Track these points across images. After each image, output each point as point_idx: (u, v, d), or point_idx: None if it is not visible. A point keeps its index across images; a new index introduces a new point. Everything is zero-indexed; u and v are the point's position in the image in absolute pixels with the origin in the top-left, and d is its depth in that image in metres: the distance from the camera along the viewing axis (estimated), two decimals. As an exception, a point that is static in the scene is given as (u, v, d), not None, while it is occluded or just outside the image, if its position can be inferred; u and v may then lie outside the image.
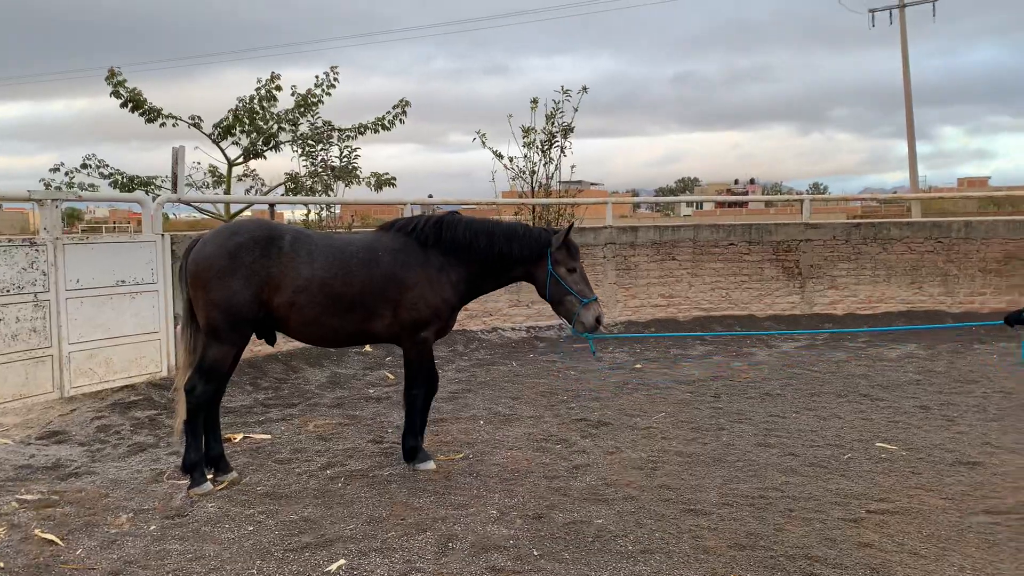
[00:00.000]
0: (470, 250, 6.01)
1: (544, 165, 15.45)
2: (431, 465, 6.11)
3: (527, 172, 15.45)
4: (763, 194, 72.95)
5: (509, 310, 12.65)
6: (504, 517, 5.15)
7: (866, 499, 5.44)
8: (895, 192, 46.04)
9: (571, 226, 6.27)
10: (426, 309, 5.92)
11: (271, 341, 6.16)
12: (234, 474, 6.02)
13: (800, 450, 6.58)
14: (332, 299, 5.75)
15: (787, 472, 6.03)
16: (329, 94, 14.09)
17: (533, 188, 15.53)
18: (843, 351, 11.22)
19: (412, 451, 6.15)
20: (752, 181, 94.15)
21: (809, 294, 13.55)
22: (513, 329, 12.55)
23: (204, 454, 5.86)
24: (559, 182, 15.81)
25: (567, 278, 6.02)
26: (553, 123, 15.20)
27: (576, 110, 15.16)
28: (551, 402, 8.42)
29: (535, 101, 15.24)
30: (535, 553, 4.59)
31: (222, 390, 6.13)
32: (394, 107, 14.38)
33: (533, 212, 15.47)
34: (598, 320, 6.01)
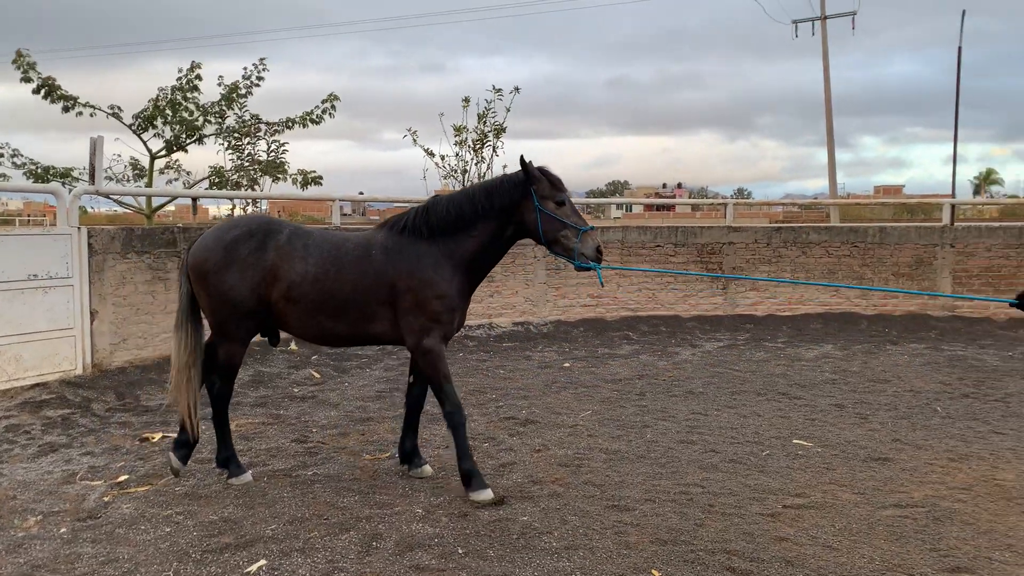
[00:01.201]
0: (458, 225, 5.61)
1: (476, 164, 15.49)
2: (487, 495, 5.43)
3: (459, 171, 15.47)
4: (689, 198, 74.44)
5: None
6: (430, 516, 5.14)
7: (783, 494, 5.60)
8: (816, 198, 47.54)
9: (530, 164, 5.73)
10: (423, 313, 5.50)
11: (274, 341, 6.03)
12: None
13: (721, 447, 6.75)
14: (325, 296, 5.55)
15: (708, 468, 6.17)
16: (258, 85, 13.83)
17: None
18: (763, 351, 11.54)
19: (467, 475, 5.53)
20: (679, 185, 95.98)
21: (732, 295, 13.89)
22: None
23: (190, 443, 5.87)
24: (491, 181, 15.83)
25: (558, 211, 5.57)
26: (485, 122, 15.25)
27: (508, 110, 15.24)
28: (479, 400, 8.42)
29: (467, 100, 15.26)
30: (460, 551, 4.59)
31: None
32: (323, 101, 14.20)
33: (464, 211, 15.48)
34: (598, 250, 5.58)
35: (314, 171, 14.33)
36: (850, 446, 6.80)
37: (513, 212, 5.66)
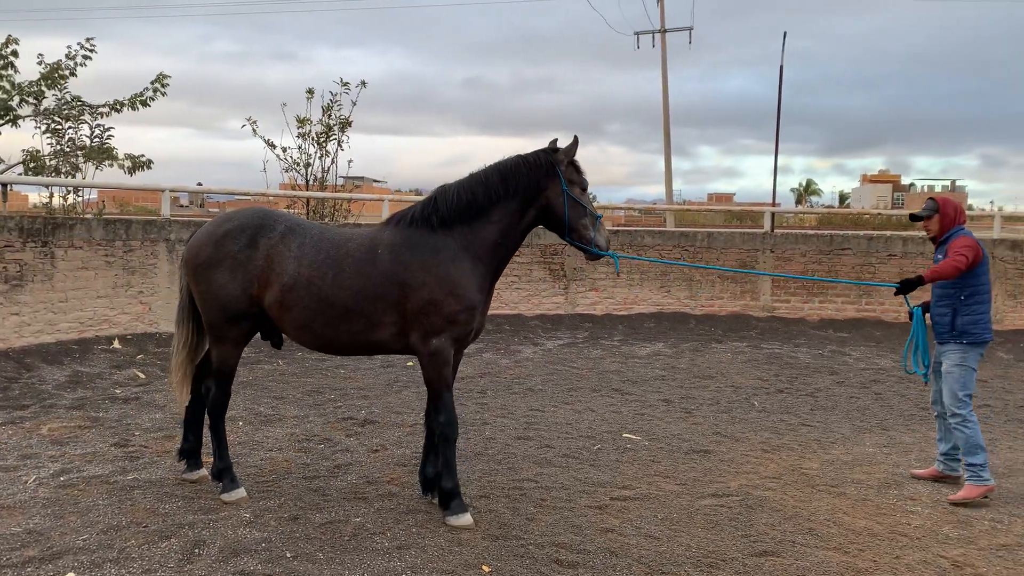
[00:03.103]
0: (473, 211, 5.10)
1: (320, 158, 15.14)
2: (466, 520, 5.00)
3: (302, 164, 15.06)
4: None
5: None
6: (258, 520, 4.98)
7: (611, 487, 5.83)
8: (654, 203, 49.73)
9: (576, 139, 5.32)
10: (437, 315, 4.97)
11: (276, 343, 5.57)
12: (203, 471, 5.69)
13: (556, 442, 6.93)
14: (321, 303, 5.04)
15: (542, 463, 6.33)
16: (84, 66, 12.88)
17: (308, 181, 15.15)
18: (600, 349, 11.96)
19: (447, 496, 5.08)
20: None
21: (572, 295, 14.30)
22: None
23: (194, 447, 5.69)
24: (338, 177, 15.55)
25: (581, 198, 5.19)
26: (330, 115, 14.93)
27: (355, 104, 14.99)
28: (317, 401, 8.24)
29: (311, 91, 14.89)
30: (288, 555, 4.47)
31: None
32: (152, 82, 13.42)
33: (307, 205, 15.09)
34: (608, 241, 5.33)
35: (142, 155, 13.48)
36: (675, 439, 7.17)
37: (537, 195, 5.17)
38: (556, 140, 5.31)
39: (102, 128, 13.16)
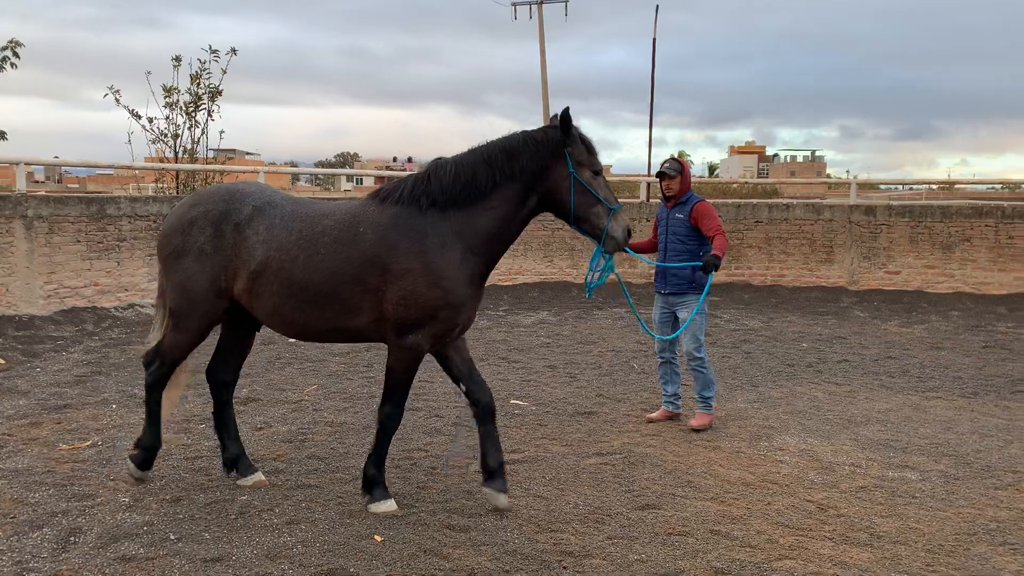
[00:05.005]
0: (471, 193, 4.62)
1: (189, 129, 14.51)
2: (389, 506, 4.77)
3: (169, 135, 14.39)
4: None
5: (149, 285, 11.69)
6: (138, 504, 4.80)
7: (500, 452, 5.93)
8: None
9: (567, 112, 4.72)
10: (416, 308, 4.54)
11: (255, 326, 5.25)
12: (259, 475, 5.21)
13: (445, 411, 6.98)
14: (291, 287, 4.64)
15: (432, 433, 6.37)
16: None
17: (177, 153, 14.49)
18: (486, 319, 12.06)
19: (369, 482, 4.83)
20: (409, 159, 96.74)
21: (457, 267, 14.32)
22: (153, 306, 11.60)
23: (224, 455, 5.29)
24: (208, 148, 14.95)
25: (592, 183, 4.69)
26: (199, 84, 14.31)
27: (225, 72, 14.43)
28: (195, 381, 7.91)
29: (178, 59, 14.25)
30: (172, 537, 4.34)
31: (229, 380, 5.38)
32: (2, 49, 12.47)
33: (177, 178, 14.46)
34: (628, 232, 4.81)
35: (-7, 126, 12.55)
36: (560, 403, 7.36)
37: (540, 178, 4.68)
38: (558, 115, 4.73)
39: (-58, 96, 12.14)
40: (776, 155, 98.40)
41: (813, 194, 40.39)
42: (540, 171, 4.66)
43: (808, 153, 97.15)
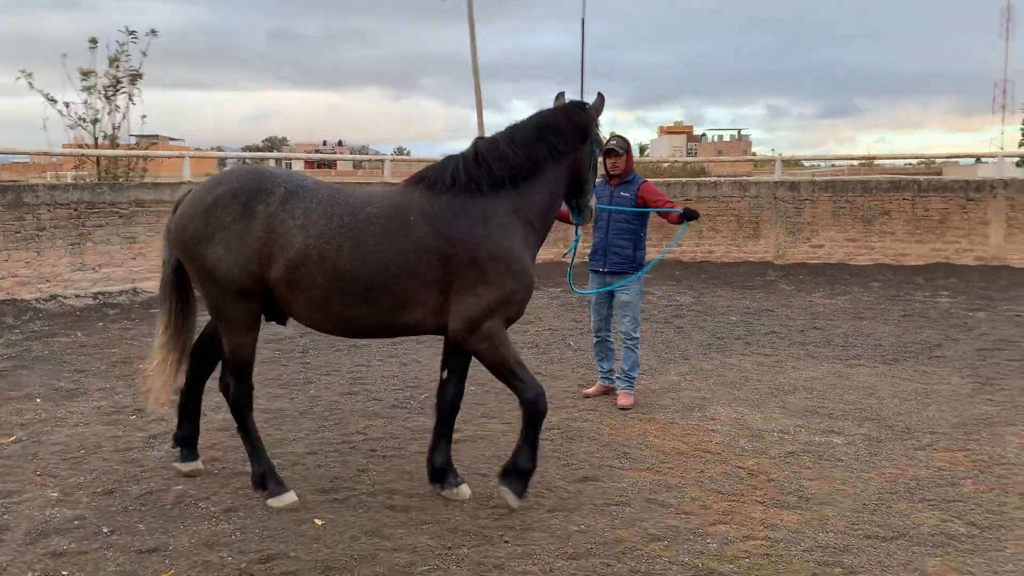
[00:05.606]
0: (528, 170, 4.53)
1: (109, 114, 14.02)
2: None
3: (88, 120, 13.89)
4: (350, 155, 74.33)
5: (71, 275, 11.31)
6: (68, 498, 4.68)
7: (439, 432, 5.95)
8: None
9: (601, 97, 4.89)
10: (488, 296, 4.39)
11: (281, 321, 4.81)
12: (199, 463, 5.11)
13: (383, 394, 6.97)
14: (338, 280, 4.31)
15: (370, 416, 6.36)
16: None
17: (96, 138, 14.00)
18: (422, 302, 12.03)
19: (524, 475, 4.67)
20: (340, 143, 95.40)
21: (392, 250, 14.24)
22: (77, 296, 11.25)
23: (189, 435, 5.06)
24: (130, 134, 14.49)
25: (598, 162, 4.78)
26: (118, 67, 13.84)
27: (145, 55, 13.97)
28: (124, 372, 7.76)
29: (94, 41, 13.72)
30: (105, 530, 4.26)
31: (215, 362, 5.06)
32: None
33: (98, 165, 13.99)
34: (594, 206, 5.11)
35: None
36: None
37: (572, 156, 4.75)
38: (600, 93, 4.91)
39: None
40: (704, 135, 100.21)
41: (740, 172, 41.22)
42: (577, 148, 4.77)
43: (735, 132, 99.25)
